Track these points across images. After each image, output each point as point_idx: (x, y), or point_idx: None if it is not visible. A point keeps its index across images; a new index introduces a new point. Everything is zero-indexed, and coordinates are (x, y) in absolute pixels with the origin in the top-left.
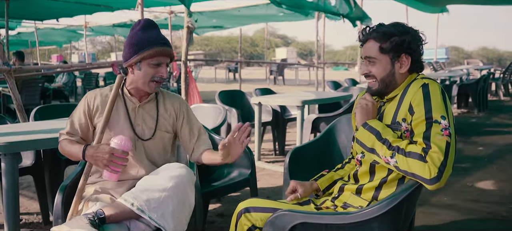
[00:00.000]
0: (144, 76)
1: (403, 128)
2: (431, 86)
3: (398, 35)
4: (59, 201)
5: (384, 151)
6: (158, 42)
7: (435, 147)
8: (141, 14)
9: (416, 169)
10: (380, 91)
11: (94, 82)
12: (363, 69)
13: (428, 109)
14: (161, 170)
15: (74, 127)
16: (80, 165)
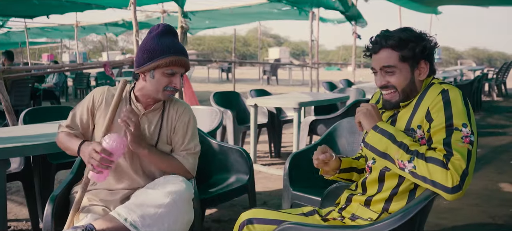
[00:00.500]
0: (157, 85)
1: (417, 135)
2: (451, 93)
3: (415, 42)
4: (49, 212)
5: (400, 155)
6: (174, 50)
7: (457, 154)
8: (133, 13)
9: (437, 176)
10: (400, 102)
11: (86, 82)
12: (380, 81)
13: (449, 117)
14: (158, 183)
15: (75, 120)
16: (71, 172)
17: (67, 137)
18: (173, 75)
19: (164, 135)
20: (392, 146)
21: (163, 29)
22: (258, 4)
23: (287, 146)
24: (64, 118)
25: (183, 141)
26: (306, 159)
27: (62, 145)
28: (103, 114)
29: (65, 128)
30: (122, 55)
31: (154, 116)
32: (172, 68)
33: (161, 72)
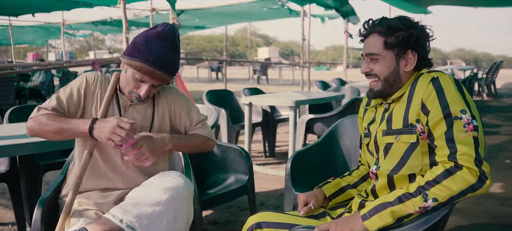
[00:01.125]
0: (126, 83)
1: (418, 129)
2: (441, 79)
3: (405, 29)
4: (38, 217)
5: (411, 205)
6: (153, 59)
7: (462, 147)
8: (123, 11)
9: (458, 185)
10: (383, 92)
11: None
12: (364, 67)
13: (445, 105)
14: (154, 180)
15: (61, 103)
16: (62, 172)
17: (58, 117)
18: (142, 82)
19: (156, 125)
20: (397, 209)
21: (159, 32)
22: (249, 2)
23: (281, 145)
24: None
25: (190, 118)
26: (307, 158)
27: (52, 127)
28: (95, 101)
29: (50, 111)
30: (109, 54)
31: (142, 106)
32: (142, 75)
33: (131, 72)
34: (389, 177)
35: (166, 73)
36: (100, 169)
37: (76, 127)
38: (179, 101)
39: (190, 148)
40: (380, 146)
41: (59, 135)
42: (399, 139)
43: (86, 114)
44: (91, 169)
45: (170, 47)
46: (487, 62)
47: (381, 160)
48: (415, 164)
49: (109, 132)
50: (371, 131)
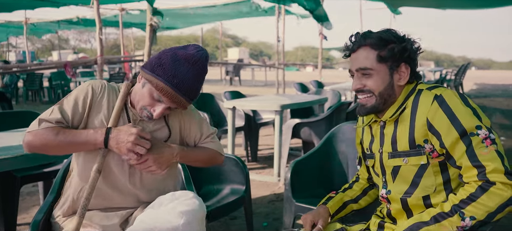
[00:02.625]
0: (140, 98)
1: (427, 149)
2: (445, 96)
3: (397, 42)
4: None
5: (448, 225)
6: (177, 83)
7: (489, 163)
8: (96, 11)
9: (495, 200)
10: (377, 107)
11: (38, 83)
12: (356, 84)
13: (458, 125)
14: (166, 200)
15: (65, 114)
16: (52, 192)
17: (64, 131)
18: (158, 102)
19: (175, 138)
20: (431, 228)
21: (190, 55)
22: (223, 4)
23: (263, 149)
24: (24, 124)
25: (201, 131)
26: (306, 167)
27: (54, 142)
28: (101, 113)
29: (54, 124)
30: (74, 54)
31: (157, 120)
32: (162, 96)
33: (149, 89)
34: (402, 201)
35: (187, 99)
36: (100, 187)
37: (86, 139)
38: (189, 113)
39: (199, 161)
40: (387, 169)
41: (66, 150)
42: (407, 162)
43: (90, 125)
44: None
45: (198, 74)
46: (448, 63)
47: (389, 183)
48: (429, 185)
49: (132, 142)
50: (374, 152)
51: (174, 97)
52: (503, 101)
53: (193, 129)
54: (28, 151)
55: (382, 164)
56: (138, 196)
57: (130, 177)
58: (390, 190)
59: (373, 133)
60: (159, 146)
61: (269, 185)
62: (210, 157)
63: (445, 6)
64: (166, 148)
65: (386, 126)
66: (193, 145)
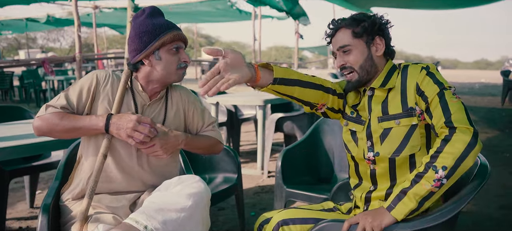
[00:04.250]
0: (167, 66)
1: (417, 111)
2: (430, 67)
3: (367, 19)
4: (44, 224)
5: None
6: (173, 26)
7: (455, 110)
8: (74, 8)
9: (458, 146)
10: (361, 81)
11: (8, 82)
12: (339, 61)
13: (438, 83)
14: (173, 184)
15: (70, 101)
16: (57, 178)
17: (69, 116)
18: (179, 50)
19: (170, 120)
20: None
21: (152, 11)
22: (199, 2)
23: (244, 144)
24: (14, 118)
25: (203, 119)
26: (295, 155)
27: (59, 126)
28: (105, 101)
29: (59, 109)
30: (42, 53)
31: (158, 103)
32: (177, 42)
33: (166, 50)
34: (390, 160)
35: (180, 30)
36: (110, 171)
37: (89, 124)
38: (193, 101)
39: (201, 148)
40: (375, 133)
41: (70, 134)
42: (400, 123)
43: (94, 111)
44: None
45: (159, 13)
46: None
47: (376, 145)
48: (415, 144)
49: (130, 128)
50: (364, 120)
51: (181, 35)
52: (470, 98)
53: (196, 117)
54: (37, 135)
55: (369, 130)
56: (144, 179)
57: (137, 159)
58: (378, 152)
59: (359, 108)
60: (166, 133)
61: (253, 178)
62: (211, 144)
63: (413, 6)
64: (172, 135)
65: (374, 96)
66: (195, 132)
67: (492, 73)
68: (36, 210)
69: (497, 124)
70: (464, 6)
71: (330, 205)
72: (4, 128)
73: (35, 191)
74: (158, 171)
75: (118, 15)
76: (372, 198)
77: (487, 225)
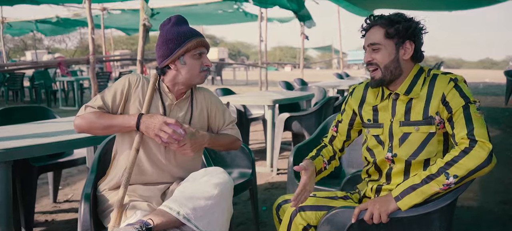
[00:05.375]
0: (191, 69)
1: (436, 120)
2: (459, 80)
3: (403, 22)
4: (86, 211)
5: (435, 184)
6: (196, 33)
7: (478, 125)
8: (88, 10)
9: (474, 160)
10: (383, 79)
11: (20, 83)
12: (366, 57)
13: (464, 96)
14: (200, 175)
15: (106, 102)
16: (92, 171)
17: (105, 115)
18: (202, 55)
19: (195, 119)
20: (424, 189)
21: (177, 20)
22: (205, 3)
23: (253, 144)
24: (38, 118)
25: (224, 119)
26: (306, 151)
27: (100, 123)
28: (136, 101)
29: (97, 109)
30: (49, 54)
31: (184, 103)
32: (200, 48)
33: (190, 56)
34: (407, 162)
35: (202, 36)
36: (143, 165)
37: (122, 122)
38: (215, 102)
39: (222, 146)
40: (395, 135)
41: (106, 130)
42: (418, 129)
43: (127, 111)
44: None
45: (184, 21)
46: (421, 63)
47: (395, 147)
48: (432, 150)
49: (157, 128)
50: (382, 123)
51: (204, 42)
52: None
53: (218, 116)
54: (78, 132)
55: (391, 131)
56: (172, 172)
57: (165, 154)
58: (396, 153)
59: (379, 108)
60: (193, 133)
61: (263, 175)
62: (230, 142)
63: (417, 8)
64: (199, 135)
65: (399, 100)
66: (216, 130)
67: (497, 73)
68: (59, 204)
69: (500, 123)
70: (468, 8)
71: (342, 194)
72: (31, 127)
73: (58, 186)
74: (184, 165)
75: (125, 17)
76: (382, 189)
77: (487, 219)
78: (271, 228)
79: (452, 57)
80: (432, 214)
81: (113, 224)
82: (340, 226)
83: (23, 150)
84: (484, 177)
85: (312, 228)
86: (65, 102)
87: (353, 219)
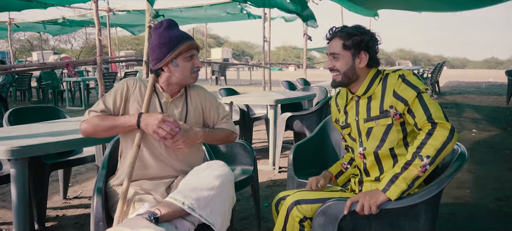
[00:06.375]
0: (183, 71)
1: (391, 113)
2: (406, 74)
3: (359, 35)
4: (99, 204)
5: (413, 168)
6: (187, 36)
7: (434, 110)
8: (95, 12)
9: (439, 139)
10: (342, 82)
11: (27, 84)
12: (328, 64)
13: (414, 86)
14: (202, 169)
15: (108, 106)
16: (103, 167)
17: (108, 117)
18: (193, 57)
19: (191, 115)
20: (405, 175)
21: (169, 24)
22: (209, 4)
23: (256, 143)
24: (49, 117)
25: (218, 113)
26: (306, 149)
27: (104, 125)
28: (135, 102)
29: (99, 113)
30: (55, 55)
31: (179, 101)
32: (191, 51)
33: (183, 58)
34: (375, 154)
35: (193, 39)
36: (146, 160)
37: (124, 122)
38: (209, 98)
39: (218, 140)
40: (362, 131)
41: (110, 131)
42: (378, 123)
43: (127, 111)
44: (138, 160)
45: (176, 25)
46: (425, 62)
47: (364, 142)
48: (393, 139)
49: (156, 125)
50: (350, 122)
51: (194, 44)
52: (475, 97)
53: (212, 111)
54: (84, 136)
55: (358, 128)
56: (174, 166)
57: (166, 149)
58: (365, 147)
59: (348, 109)
60: (187, 129)
61: (265, 173)
62: (226, 135)
63: (420, 8)
64: (192, 131)
65: (361, 100)
66: (212, 125)
67: (501, 73)
68: (69, 201)
69: (500, 123)
70: (471, 8)
71: (337, 189)
72: (42, 126)
73: (68, 183)
74: (185, 159)
75: (131, 17)
76: (364, 181)
77: (483, 214)
78: (272, 224)
79: (456, 57)
80: (418, 206)
81: (118, 215)
82: (333, 218)
83: (37, 147)
84: (481, 174)
85: (308, 220)
86: (72, 102)
87: (345, 210)
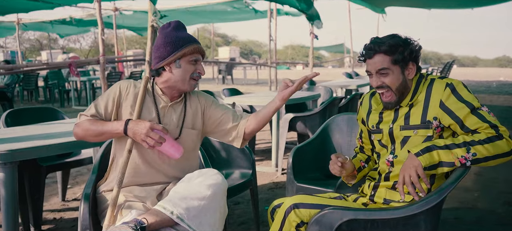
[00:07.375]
0: (184, 74)
1: (434, 125)
2: (456, 84)
3: (403, 46)
4: (85, 211)
5: (455, 152)
6: (194, 40)
7: (497, 123)
8: (98, 12)
9: (497, 149)
10: (398, 102)
11: (34, 83)
12: (376, 82)
13: (468, 102)
14: (194, 176)
15: (99, 110)
16: (93, 172)
17: (97, 122)
18: (197, 62)
19: (188, 120)
20: (441, 152)
21: (177, 24)
22: (215, 3)
23: (259, 144)
24: (47, 119)
25: (220, 108)
26: (305, 153)
27: (93, 130)
28: (128, 106)
29: (89, 117)
30: (64, 54)
31: (178, 105)
32: (196, 55)
33: (186, 61)
34: None
35: (199, 43)
36: (137, 166)
37: (111, 128)
38: (209, 99)
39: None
40: (397, 138)
41: (99, 137)
42: (417, 133)
43: (120, 116)
44: (129, 166)
45: (183, 27)
46: (435, 61)
47: (397, 149)
48: None
49: (144, 134)
50: (382, 128)
51: (200, 49)
52: (485, 97)
53: (213, 107)
54: (76, 139)
55: (392, 135)
56: (166, 172)
57: (158, 154)
58: (397, 155)
59: (384, 115)
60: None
61: (268, 175)
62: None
63: (429, 6)
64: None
65: (400, 107)
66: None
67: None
68: (67, 203)
69: (510, 123)
70: (481, 5)
71: (336, 195)
72: (39, 128)
73: (66, 185)
74: (178, 165)
75: (137, 17)
76: (380, 186)
77: (491, 219)
78: None
79: (467, 55)
80: (418, 216)
81: (107, 223)
82: (328, 227)
83: (29, 151)
84: (489, 176)
85: (305, 225)
86: (78, 102)
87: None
